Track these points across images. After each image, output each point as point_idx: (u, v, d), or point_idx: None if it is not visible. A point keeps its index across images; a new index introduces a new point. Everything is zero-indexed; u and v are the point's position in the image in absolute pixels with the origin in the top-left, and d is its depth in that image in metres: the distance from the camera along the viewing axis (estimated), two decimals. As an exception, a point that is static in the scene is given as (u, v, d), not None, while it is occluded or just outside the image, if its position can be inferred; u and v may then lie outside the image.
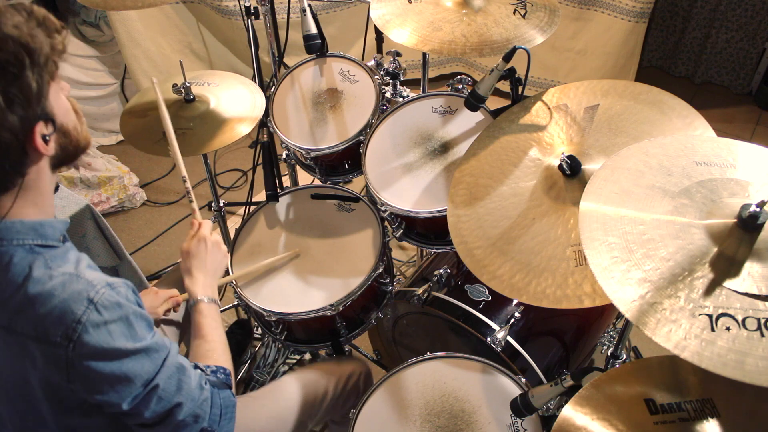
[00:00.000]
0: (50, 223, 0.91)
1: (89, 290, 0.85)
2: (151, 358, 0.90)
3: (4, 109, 0.79)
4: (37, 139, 0.84)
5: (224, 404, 1.02)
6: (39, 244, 0.88)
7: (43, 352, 0.85)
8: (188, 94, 1.63)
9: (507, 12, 1.50)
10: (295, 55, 2.64)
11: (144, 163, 3.00)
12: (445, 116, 1.64)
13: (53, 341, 0.83)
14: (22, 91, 0.81)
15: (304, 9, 1.72)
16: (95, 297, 0.85)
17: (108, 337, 0.85)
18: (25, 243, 0.87)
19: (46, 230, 0.90)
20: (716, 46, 3.21)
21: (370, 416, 1.32)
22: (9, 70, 0.80)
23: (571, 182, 1.22)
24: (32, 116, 0.83)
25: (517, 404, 1.18)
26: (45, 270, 0.86)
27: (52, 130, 0.87)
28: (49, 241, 0.90)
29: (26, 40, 0.81)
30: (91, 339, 0.84)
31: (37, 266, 0.86)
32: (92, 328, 0.84)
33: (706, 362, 0.79)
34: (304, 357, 2.11)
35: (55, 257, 0.89)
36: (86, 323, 0.84)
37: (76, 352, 0.84)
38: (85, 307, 0.84)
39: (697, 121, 1.23)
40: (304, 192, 1.75)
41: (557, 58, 3.11)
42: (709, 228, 0.90)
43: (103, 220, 1.83)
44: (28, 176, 0.87)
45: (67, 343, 0.83)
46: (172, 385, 0.93)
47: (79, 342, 0.83)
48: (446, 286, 1.57)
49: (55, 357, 0.84)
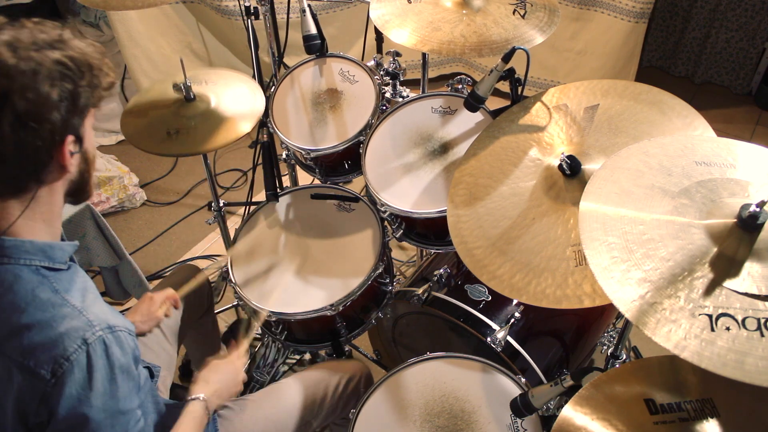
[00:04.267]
0: (60, 246, 0.92)
1: (86, 330, 0.85)
2: (114, 424, 0.88)
3: (55, 105, 0.84)
4: (66, 148, 0.87)
5: None
6: (46, 266, 0.89)
7: (25, 380, 0.84)
8: (189, 93, 1.63)
9: (506, 12, 1.50)
10: (295, 55, 2.64)
11: (144, 163, 3.00)
12: (444, 116, 1.65)
13: (38, 373, 0.83)
14: (73, 97, 0.86)
15: (304, 9, 1.72)
16: (90, 339, 0.84)
17: (86, 384, 0.84)
18: (32, 264, 0.87)
19: (55, 253, 0.91)
20: (716, 46, 3.21)
21: (370, 416, 1.32)
22: (70, 75, 0.85)
23: (571, 182, 1.22)
24: (70, 126, 0.87)
25: (517, 404, 1.18)
26: (51, 295, 0.86)
27: (78, 149, 0.91)
28: (56, 264, 0.90)
29: (92, 59, 0.88)
30: (72, 380, 0.83)
31: (42, 290, 0.86)
32: (77, 370, 0.83)
33: (706, 362, 0.79)
34: (303, 357, 2.11)
35: (62, 281, 0.89)
36: (73, 363, 0.83)
37: (55, 390, 0.83)
38: (77, 346, 0.83)
39: (697, 121, 1.23)
40: (304, 192, 1.75)
41: (557, 59, 3.11)
42: (709, 228, 0.90)
43: (103, 220, 1.83)
44: (43, 188, 0.89)
45: (50, 378, 0.83)
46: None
47: (61, 380, 0.83)
48: (446, 286, 1.57)
49: (33, 387, 0.84)
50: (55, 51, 0.85)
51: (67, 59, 0.85)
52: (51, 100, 0.83)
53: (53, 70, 0.83)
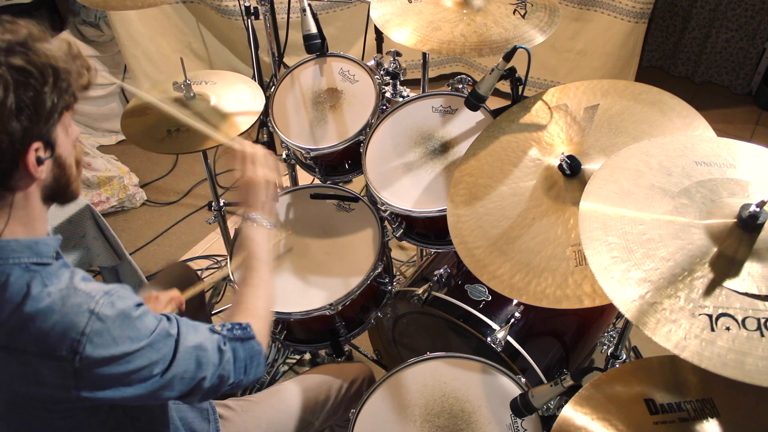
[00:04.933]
0: (45, 241, 0.92)
1: (89, 302, 0.86)
2: (158, 349, 0.91)
3: (12, 114, 0.81)
4: (31, 156, 0.84)
5: (247, 356, 1.02)
6: (35, 262, 0.89)
7: (49, 367, 0.85)
8: (189, 92, 1.63)
9: (507, 12, 1.50)
10: (295, 55, 2.64)
11: (144, 163, 3.00)
12: (445, 116, 1.64)
13: (59, 356, 0.84)
14: (36, 104, 0.83)
15: (304, 9, 1.72)
16: (95, 307, 0.86)
17: (112, 343, 0.86)
18: (21, 261, 0.87)
19: (41, 248, 0.90)
20: (716, 46, 3.21)
21: (370, 416, 1.32)
22: (30, 82, 0.82)
23: (571, 182, 1.22)
24: (35, 133, 0.84)
25: (517, 404, 1.18)
26: (42, 288, 0.86)
27: (49, 155, 0.88)
28: (44, 258, 0.90)
29: (57, 62, 0.84)
30: (96, 348, 0.85)
31: (34, 284, 0.86)
32: (97, 338, 0.85)
33: (706, 362, 0.79)
34: (303, 357, 2.11)
35: (51, 275, 0.89)
36: (90, 334, 0.84)
37: (83, 363, 0.84)
38: (87, 318, 0.85)
39: (697, 121, 1.23)
40: (304, 192, 1.75)
41: (557, 59, 3.11)
42: (709, 228, 0.90)
43: (103, 220, 1.83)
44: (18, 194, 0.87)
45: (73, 356, 0.84)
46: (191, 365, 0.94)
47: (85, 353, 0.84)
48: (446, 285, 1.57)
49: (61, 370, 0.85)
50: (15, 56, 0.82)
51: (27, 64, 0.82)
52: (7, 109, 0.80)
53: (8, 79, 0.80)
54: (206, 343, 0.97)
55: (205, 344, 0.97)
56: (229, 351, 1.00)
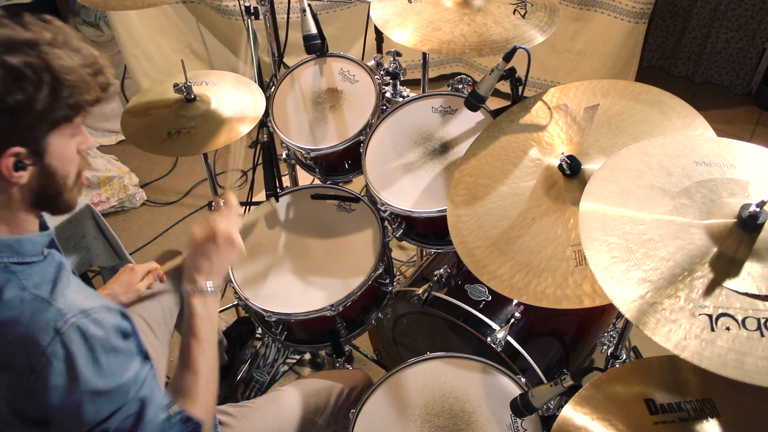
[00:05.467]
0: (29, 239, 0.88)
1: (57, 320, 0.82)
2: (112, 400, 0.86)
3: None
4: (6, 160, 0.80)
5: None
6: (15, 261, 0.85)
7: (6, 379, 0.82)
8: (189, 94, 1.63)
9: (507, 12, 1.50)
10: (295, 55, 2.64)
11: (144, 163, 3.00)
12: (445, 116, 1.65)
13: (18, 369, 0.81)
14: (21, 108, 0.79)
15: (304, 9, 1.72)
16: (62, 328, 0.81)
17: (70, 374, 0.82)
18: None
19: (24, 247, 0.87)
20: (716, 46, 3.21)
21: (370, 416, 1.32)
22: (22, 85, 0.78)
23: (571, 182, 1.22)
24: (14, 137, 0.80)
25: (517, 404, 1.18)
26: (18, 292, 0.82)
27: (32, 162, 0.84)
28: (26, 257, 0.86)
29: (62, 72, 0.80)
30: (53, 374, 0.81)
31: (9, 288, 0.82)
32: (56, 362, 0.81)
33: (706, 362, 0.79)
34: (303, 357, 2.11)
35: (32, 275, 0.85)
36: (50, 356, 0.80)
37: (39, 384, 0.81)
38: (50, 338, 0.81)
39: (697, 121, 1.23)
40: (304, 192, 1.75)
41: (557, 59, 3.11)
42: (709, 228, 0.90)
43: (103, 220, 1.83)
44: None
45: (29, 373, 0.81)
46: (125, 428, 0.88)
47: (41, 375, 0.81)
48: (446, 286, 1.57)
49: (19, 384, 0.82)
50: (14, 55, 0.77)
51: (24, 66, 0.77)
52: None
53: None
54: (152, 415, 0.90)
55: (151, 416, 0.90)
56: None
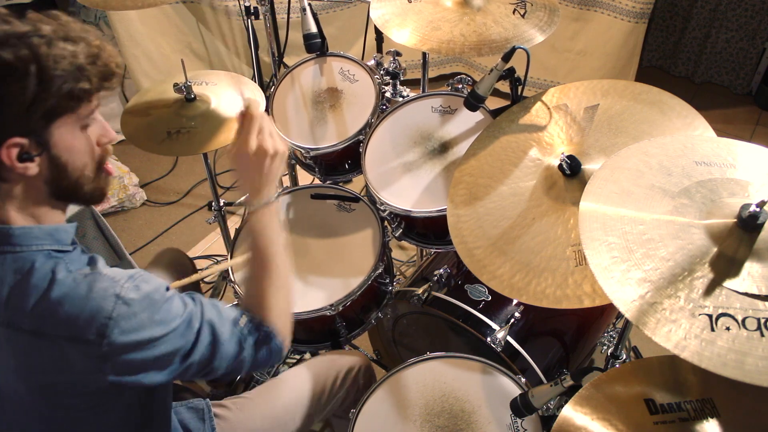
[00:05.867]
0: (64, 228, 0.93)
1: (114, 286, 0.87)
2: (183, 335, 0.92)
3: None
4: (7, 151, 0.82)
5: (266, 352, 1.04)
6: (56, 249, 0.90)
7: (78, 351, 0.86)
8: (189, 93, 1.63)
9: (506, 11, 1.50)
10: (295, 55, 2.64)
11: (144, 163, 3.00)
12: (444, 116, 1.65)
13: (87, 339, 0.85)
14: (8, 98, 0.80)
15: (304, 8, 1.72)
16: (121, 292, 0.87)
17: (139, 327, 0.87)
18: (43, 248, 0.89)
19: (61, 235, 0.92)
20: (716, 46, 3.21)
21: (370, 416, 1.32)
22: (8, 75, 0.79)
23: (571, 182, 1.22)
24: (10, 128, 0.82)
25: (517, 404, 1.18)
26: (67, 273, 0.87)
27: (38, 153, 0.85)
28: (63, 246, 0.91)
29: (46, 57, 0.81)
30: (124, 332, 0.86)
31: (59, 270, 0.87)
32: (123, 322, 0.86)
33: (706, 362, 0.79)
34: (304, 357, 2.11)
35: (73, 261, 0.90)
36: (117, 318, 0.85)
37: (112, 347, 0.86)
38: (113, 303, 0.86)
39: (697, 121, 1.23)
40: (304, 192, 1.75)
41: (557, 59, 3.11)
42: (709, 228, 0.90)
43: (103, 219, 1.83)
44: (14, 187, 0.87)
45: (101, 340, 0.85)
46: (206, 353, 0.95)
47: (113, 337, 0.85)
48: (446, 286, 1.57)
49: (90, 353, 0.86)
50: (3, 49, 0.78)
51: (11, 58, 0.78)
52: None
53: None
54: (226, 336, 0.98)
55: (225, 336, 0.98)
56: (247, 350, 1.01)
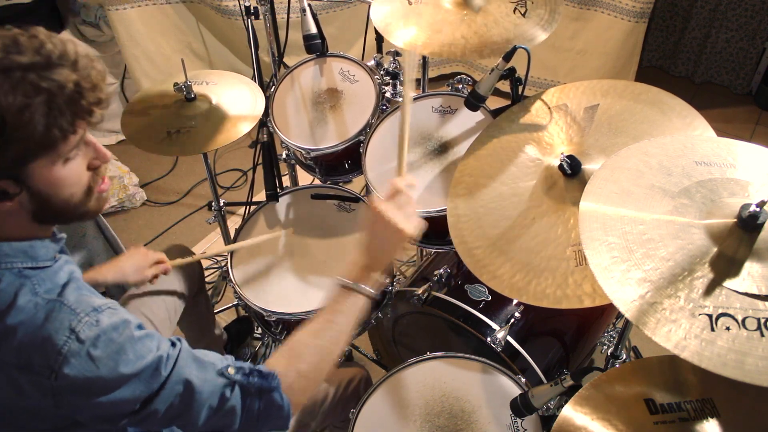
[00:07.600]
0: (43, 244, 0.88)
1: (71, 319, 0.82)
2: (147, 381, 0.85)
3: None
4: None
5: (262, 409, 0.93)
6: (29, 266, 0.86)
7: (28, 381, 0.83)
8: (189, 93, 1.63)
9: (507, 11, 1.50)
10: (295, 55, 2.64)
11: (144, 163, 3.00)
12: (444, 116, 1.65)
13: (36, 371, 0.81)
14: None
15: (304, 9, 1.72)
16: (77, 326, 0.82)
17: (92, 366, 0.82)
18: (13, 267, 0.84)
19: (38, 251, 0.87)
20: (716, 46, 3.21)
21: (370, 416, 1.32)
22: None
23: (571, 182, 1.22)
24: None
25: (517, 404, 1.18)
26: (31, 297, 0.83)
27: (16, 193, 0.82)
28: (39, 262, 0.87)
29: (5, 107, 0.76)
30: (73, 370, 0.81)
31: (23, 293, 0.83)
32: (74, 359, 0.81)
33: (706, 362, 0.79)
34: (304, 357, 2.11)
35: (44, 280, 0.86)
36: (67, 354, 0.81)
37: (59, 383, 0.81)
38: (66, 337, 0.81)
39: (697, 120, 1.23)
40: (304, 192, 1.75)
41: (557, 58, 3.11)
42: (709, 228, 0.90)
43: (103, 219, 1.83)
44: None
45: (49, 374, 0.81)
46: (176, 405, 0.88)
47: (61, 373, 0.81)
48: (446, 285, 1.57)
49: (40, 385, 0.82)
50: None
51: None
52: None
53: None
54: (203, 386, 0.90)
55: (201, 386, 0.89)
56: (235, 400, 0.91)
